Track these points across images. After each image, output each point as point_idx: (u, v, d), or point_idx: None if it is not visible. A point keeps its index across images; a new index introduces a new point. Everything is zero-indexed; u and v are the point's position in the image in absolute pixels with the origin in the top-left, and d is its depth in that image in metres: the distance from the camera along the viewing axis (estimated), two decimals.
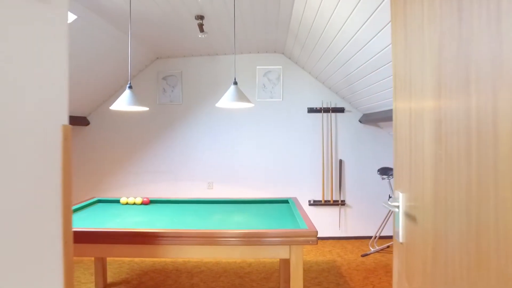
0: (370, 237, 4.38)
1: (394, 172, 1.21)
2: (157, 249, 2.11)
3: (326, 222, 4.43)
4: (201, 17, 3.04)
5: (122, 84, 4.48)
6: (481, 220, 0.68)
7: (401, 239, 1.12)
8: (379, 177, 4.35)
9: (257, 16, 3.10)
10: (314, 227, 2.08)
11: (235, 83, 2.46)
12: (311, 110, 4.40)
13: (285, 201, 3.08)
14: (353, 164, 4.40)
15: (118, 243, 2.08)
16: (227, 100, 2.39)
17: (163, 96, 4.52)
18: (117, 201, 3.11)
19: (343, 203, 4.38)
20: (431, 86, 0.90)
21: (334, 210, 4.42)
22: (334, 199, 4.41)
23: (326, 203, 4.39)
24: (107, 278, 3.18)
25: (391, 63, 2.30)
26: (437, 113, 0.87)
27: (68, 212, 1.10)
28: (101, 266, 3.03)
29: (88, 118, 4.58)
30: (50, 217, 1.01)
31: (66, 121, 1.09)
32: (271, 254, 2.10)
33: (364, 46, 2.42)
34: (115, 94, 4.51)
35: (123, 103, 2.40)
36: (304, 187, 4.44)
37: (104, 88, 4.24)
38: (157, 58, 4.48)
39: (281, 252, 2.09)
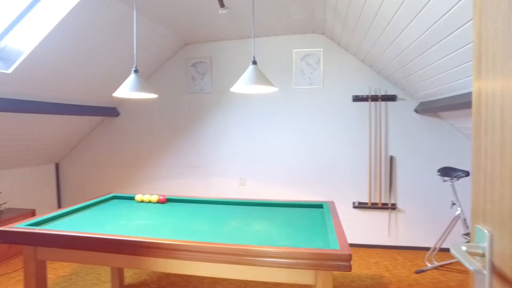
0: (426, 249, 3.70)
1: (473, 189, 0.70)
2: (153, 262, 1.77)
3: (373, 228, 3.83)
4: None
5: (150, 73, 4.26)
6: None
7: None
8: (439, 178, 3.63)
9: None
10: (348, 247, 1.58)
11: (254, 62, 2.02)
12: (356, 99, 3.79)
13: (319, 206, 2.59)
14: (406, 162, 3.73)
15: (104, 252, 1.78)
16: (243, 84, 1.96)
17: (193, 85, 4.21)
18: (132, 198, 2.86)
19: (393, 206, 3.75)
20: None
21: (383, 214, 3.81)
22: (382, 201, 3.79)
23: (373, 206, 3.79)
24: (124, 279, 2.97)
25: (463, 27, 1.70)
26: None
27: None
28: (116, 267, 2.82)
29: (118, 109, 4.45)
30: None
31: None
32: (292, 279, 1.65)
33: (423, 8, 1.83)
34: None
35: (127, 89, 2.08)
36: (348, 187, 3.87)
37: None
38: (186, 44, 4.18)
39: (305, 277, 1.63)
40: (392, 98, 3.70)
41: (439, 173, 3.24)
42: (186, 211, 2.48)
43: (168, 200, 2.80)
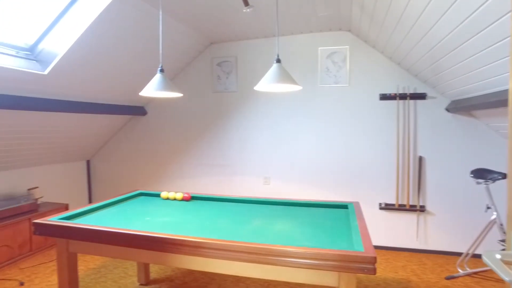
0: (458, 254, 3.54)
1: (509, 193, 0.66)
2: (178, 258, 1.80)
3: (400, 231, 3.71)
4: None
5: (176, 72, 4.34)
6: None
7: None
8: (472, 180, 3.46)
9: None
10: (373, 249, 1.54)
11: (278, 60, 2.00)
12: (383, 97, 3.69)
13: (343, 206, 2.54)
14: (436, 162, 3.58)
15: (131, 247, 1.83)
16: (267, 82, 1.95)
17: (218, 84, 4.25)
18: (158, 195, 2.93)
19: (422, 209, 3.61)
20: None
21: (411, 216, 3.68)
22: (410, 203, 3.66)
23: (401, 208, 3.67)
24: (149, 274, 3.05)
25: (500, 20, 1.60)
26: None
27: None
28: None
29: (146, 108, 4.57)
30: None
31: None
32: (314, 280, 1.63)
33: (456, 0, 1.74)
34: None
35: (152, 88, 2.13)
36: (374, 188, 3.77)
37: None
38: (211, 43, 4.22)
39: (328, 279, 1.60)
40: (421, 96, 3.56)
41: (472, 175, 3.08)
42: (210, 209, 2.51)
43: (193, 198, 2.84)
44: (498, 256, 0.55)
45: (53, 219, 2.11)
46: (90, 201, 4.86)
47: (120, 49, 3.23)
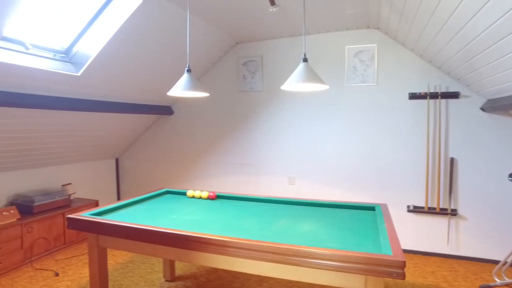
0: (493, 262, 3.36)
1: None
2: (202, 257, 1.83)
3: (429, 235, 3.58)
4: None
5: (202, 72, 4.40)
6: None
7: None
8: (510, 184, 3.27)
9: None
10: (402, 253, 1.49)
11: (305, 60, 1.98)
12: (413, 96, 3.56)
13: (370, 208, 2.47)
14: (469, 164, 3.41)
15: (157, 244, 1.87)
16: (294, 81, 1.93)
17: (243, 83, 4.27)
18: (184, 193, 2.98)
19: (454, 212, 3.46)
20: None
21: (442, 220, 3.53)
22: (441, 206, 3.52)
23: (431, 211, 3.53)
24: (175, 270, 3.11)
25: None
26: None
27: None
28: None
29: (172, 107, 4.67)
30: None
31: None
32: (340, 283, 1.59)
33: None
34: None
35: (179, 88, 2.17)
36: (403, 189, 3.66)
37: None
38: (237, 43, 4.25)
39: (354, 282, 1.57)
40: (454, 95, 3.40)
41: (510, 178, 2.91)
42: (235, 208, 2.52)
43: (218, 197, 2.87)
44: None
45: (85, 215, 2.19)
46: (118, 198, 5.03)
47: (148, 50, 3.32)
